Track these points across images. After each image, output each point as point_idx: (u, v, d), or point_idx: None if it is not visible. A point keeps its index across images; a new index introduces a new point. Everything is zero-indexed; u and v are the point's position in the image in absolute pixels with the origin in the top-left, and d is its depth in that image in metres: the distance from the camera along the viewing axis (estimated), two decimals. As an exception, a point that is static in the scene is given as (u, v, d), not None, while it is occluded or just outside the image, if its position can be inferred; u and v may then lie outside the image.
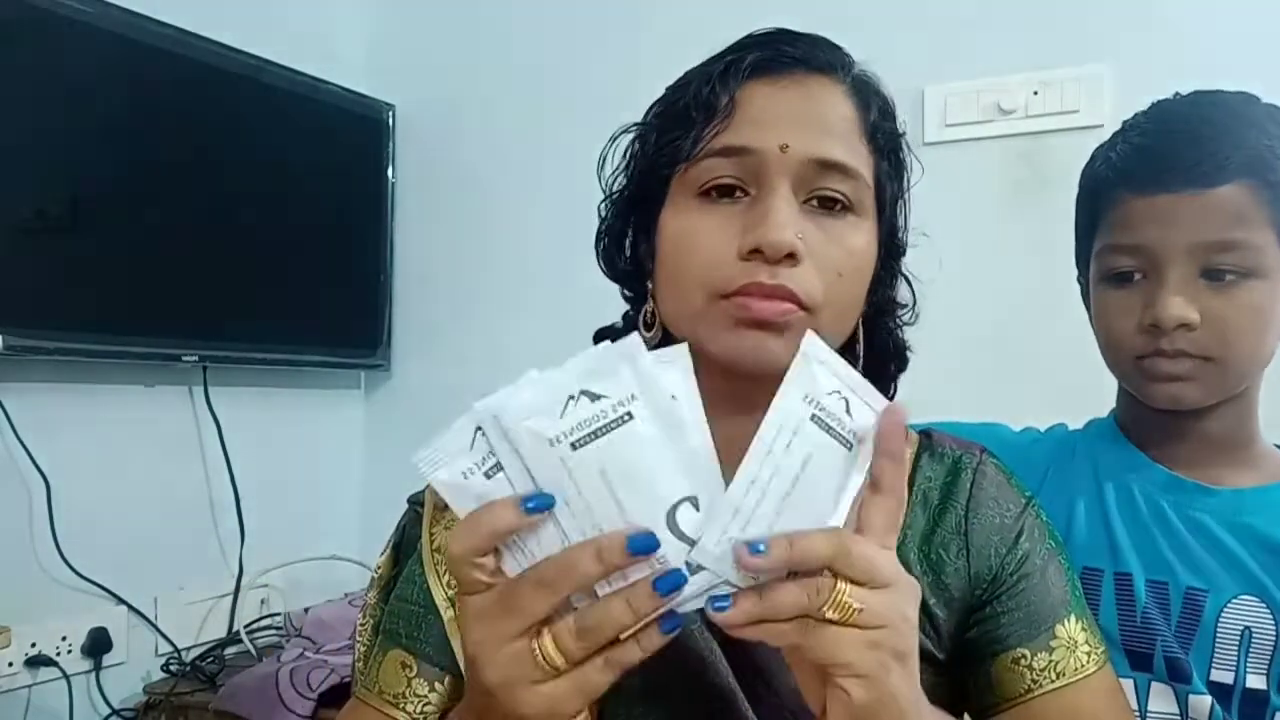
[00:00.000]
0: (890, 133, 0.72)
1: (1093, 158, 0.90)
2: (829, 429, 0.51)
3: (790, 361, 0.62)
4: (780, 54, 0.69)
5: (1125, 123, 0.89)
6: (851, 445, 0.52)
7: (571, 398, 0.50)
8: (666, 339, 0.72)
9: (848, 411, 0.52)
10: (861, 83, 0.71)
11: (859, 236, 0.68)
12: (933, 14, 1.71)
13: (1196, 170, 0.79)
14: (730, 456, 0.71)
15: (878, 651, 0.50)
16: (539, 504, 0.49)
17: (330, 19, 2.10)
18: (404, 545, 0.79)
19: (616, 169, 0.76)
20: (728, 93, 0.67)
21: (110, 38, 1.58)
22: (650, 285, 0.72)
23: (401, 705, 0.71)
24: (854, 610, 0.49)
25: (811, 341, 0.53)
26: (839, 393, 0.52)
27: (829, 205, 0.67)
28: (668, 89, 0.73)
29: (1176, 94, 0.87)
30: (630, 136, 0.75)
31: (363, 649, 0.79)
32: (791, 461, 0.50)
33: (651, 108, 0.74)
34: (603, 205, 0.77)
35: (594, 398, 0.50)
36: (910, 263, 0.77)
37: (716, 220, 0.66)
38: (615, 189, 0.76)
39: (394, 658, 0.73)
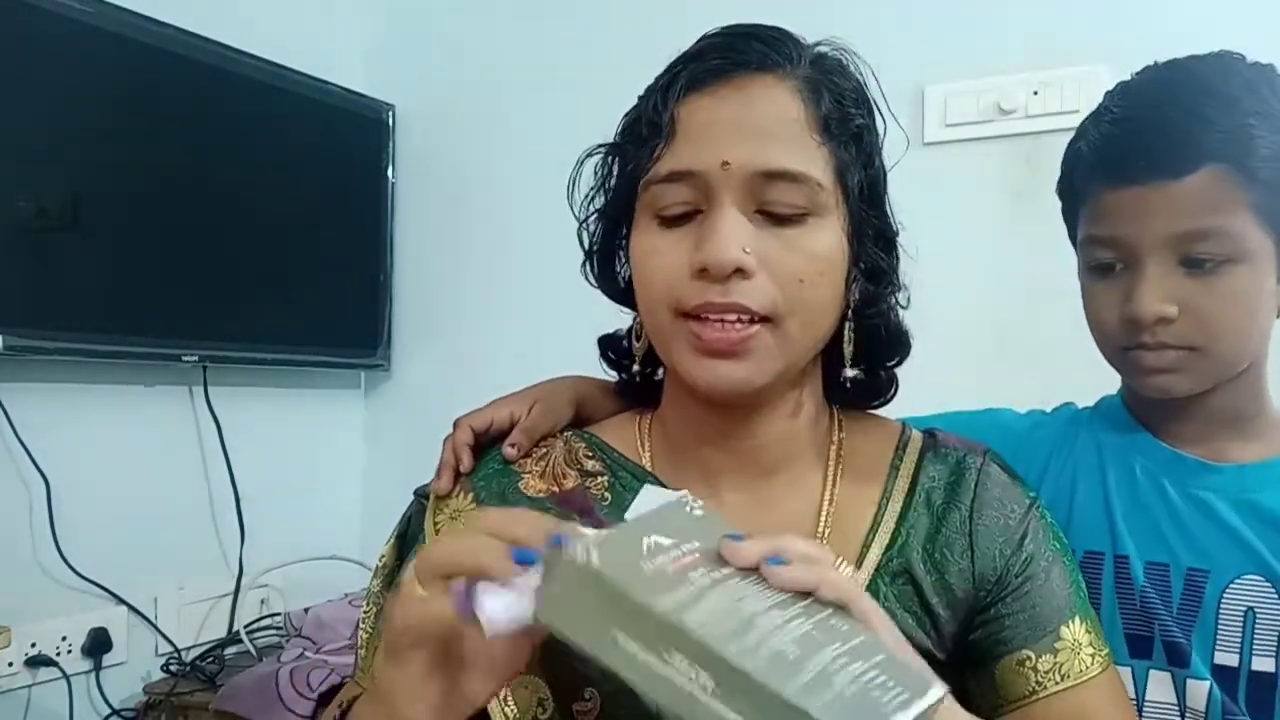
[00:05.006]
0: (849, 119, 0.69)
1: (1073, 138, 0.87)
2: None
3: (757, 382, 0.66)
4: (719, 61, 0.67)
5: (1099, 105, 0.85)
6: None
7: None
8: (651, 352, 0.74)
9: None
10: (814, 74, 0.69)
11: (821, 237, 0.67)
12: (933, 14, 1.71)
13: (1165, 160, 0.76)
14: (713, 484, 0.74)
15: None
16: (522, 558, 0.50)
17: (330, 19, 2.10)
18: (408, 536, 0.80)
19: (591, 190, 0.76)
20: (669, 111, 0.67)
21: (110, 38, 1.58)
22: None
23: None
24: None
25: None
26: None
27: (782, 215, 0.66)
28: (636, 101, 0.73)
29: (1155, 63, 0.84)
30: (600, 157, 0.75)
31: (365, 636, 0.79)
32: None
33: (621, 122, 0.74)
34: (581, 231, 0.77)
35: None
36: (909, 262, 0.76)
37: (672, 240, 0.67)
38: (592, 210, 0.76)
39: None
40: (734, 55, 0.67)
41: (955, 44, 1.70)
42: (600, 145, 0.75)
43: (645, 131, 0.68)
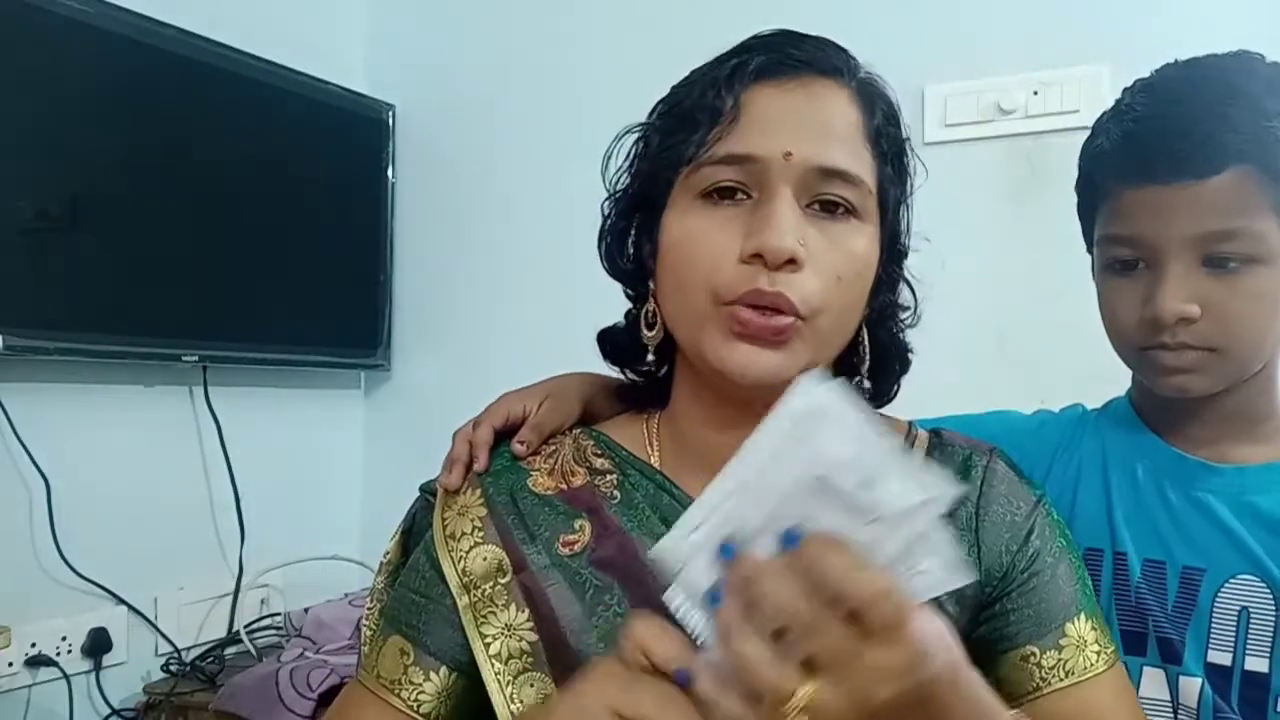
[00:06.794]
0: (894, 138, 0.72)
1: (1091, 135, 0.87)
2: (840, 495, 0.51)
3: (787, 374, 0.63)
4: (785, 57, 0.68)
5: (1119, 101, 0.85)
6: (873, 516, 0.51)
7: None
8: (668, 340, 0.73)
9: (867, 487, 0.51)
10: (867, 87, 0.71)
11: (860, 241, 0.68)
12: (933, 14, 1.72)
13: (1191, 161, 0.76)
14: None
15: None
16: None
17: (330, 19, 2.10)
18: (414, 532, 0.80)
19: (620, 168, 0.76)
20: (732, 96, 0.67)
21: (110, 38, 1.58)
22: (652, 285, 0.72)
23: (396, 691, 0.71)
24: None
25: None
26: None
27: (831, 210, 0.67)
28: (672, 89, 0.73)
29: (1175, 60, 0.84)
30: (634, 136, 0.75)
31: (368, 633, 0.80)
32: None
33: (656, 107, 0.74)
34: (605, 203, 0.77)
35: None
36: (911, 263, 0.77)
37: (718, 222, 0.67)
38: (619, 188, 0.76)
39: (394, 644, 0.73)
40: (798, 54, 0.69)
41: (955, 44, 1.70)
42: (641, 124, 0.75)
43: (699, 115, 0.68)
